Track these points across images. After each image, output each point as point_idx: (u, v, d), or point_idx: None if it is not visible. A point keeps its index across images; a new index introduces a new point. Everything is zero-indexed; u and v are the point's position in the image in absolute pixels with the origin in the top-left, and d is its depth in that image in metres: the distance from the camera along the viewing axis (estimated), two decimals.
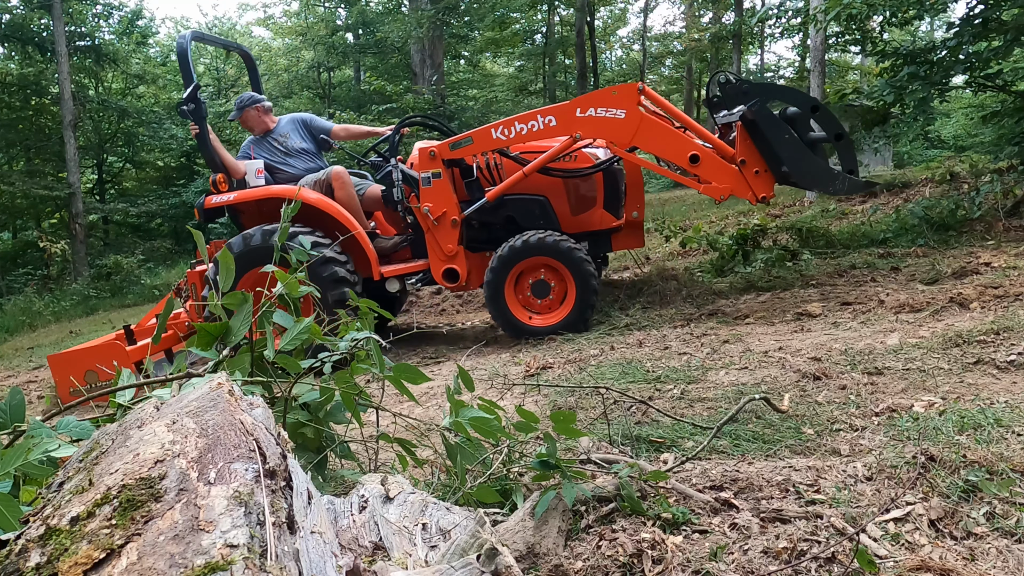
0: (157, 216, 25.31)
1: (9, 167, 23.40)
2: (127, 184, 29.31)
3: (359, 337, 2.30)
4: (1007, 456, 2.30)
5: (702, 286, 6.81)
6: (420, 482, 2.36)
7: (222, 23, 36.90)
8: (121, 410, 1.98)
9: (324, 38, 25.06)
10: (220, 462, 1.11)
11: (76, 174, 20.56)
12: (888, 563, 1.82)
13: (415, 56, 19.74)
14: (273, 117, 6.60)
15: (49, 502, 1.10)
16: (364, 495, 1.77)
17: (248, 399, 1.37)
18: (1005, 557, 1.83)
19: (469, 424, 2.27)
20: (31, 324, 15.34)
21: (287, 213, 2.59)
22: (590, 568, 1.88)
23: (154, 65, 29.18)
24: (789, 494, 2.22)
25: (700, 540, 1.99)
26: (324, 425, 2.37)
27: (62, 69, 20.14)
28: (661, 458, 2.71)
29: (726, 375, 3.98)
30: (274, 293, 2.42)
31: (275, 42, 31.64)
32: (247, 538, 0.97)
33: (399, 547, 1.60)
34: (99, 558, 0.93)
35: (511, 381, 4.40)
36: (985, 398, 3.03)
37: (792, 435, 2.90)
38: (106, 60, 24.28)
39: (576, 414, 3.54)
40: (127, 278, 18.59)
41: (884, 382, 3.46)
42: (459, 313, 8.11)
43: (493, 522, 2.06)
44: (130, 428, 1.23)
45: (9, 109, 22.41)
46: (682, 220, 11.44)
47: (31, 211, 24.05)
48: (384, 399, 2.73)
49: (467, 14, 20.96)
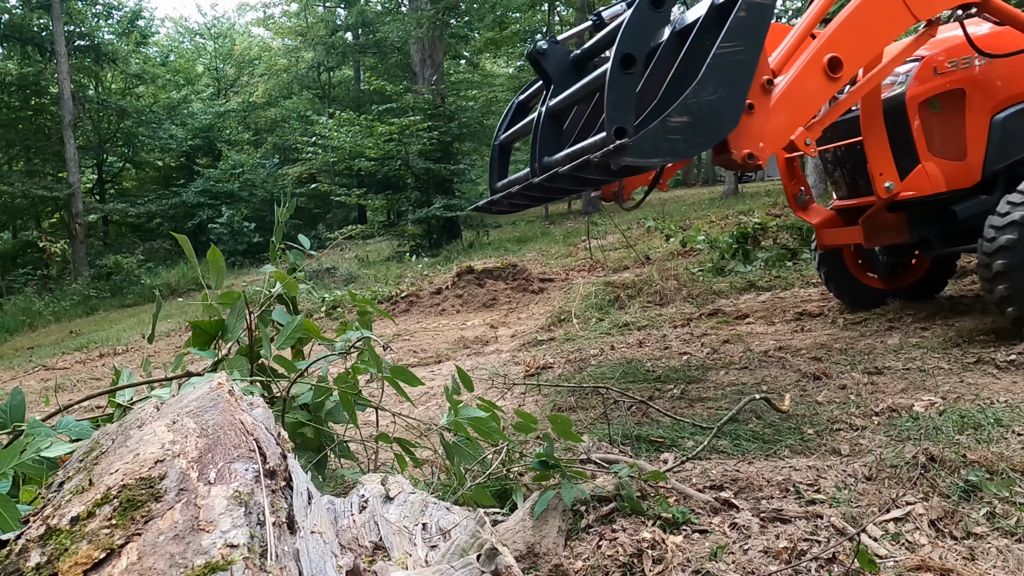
0: (157, 216, 25.32)
1: (9, 167, 23.41)
2: (127, 184, 29.33)
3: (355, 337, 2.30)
4: (1007, 456, 2.30)
5: (702, 286, 6.81)
6: (420, 482, 2.36)
7: (221, 23, 36.88)
8: (121, 410, 1.98)
9: (324, 38, 25.07)
10: (220, 462, 1.11)
11: (76, 174, 20.58)
12: (888, 563, 1.82)
13: (415, 56, 19.74)
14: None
15: (49, 502, 1.10)
16: (364, 495, 1.77)
17: (248, 399, 1.37)
18: (1005, 557, 1.83)
19: (468, 424, 2.27)
20: (31, 324, 15.35)
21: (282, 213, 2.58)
22: (590, 568, 1.88)
23: (154, 65, 29.19)
24: (789, 494, 2.22)
25: (700, 540, 1.99)
26: (324, 425, 2.37)
27: (61, 69, 20.15)
28: (661, 458, 2.71)
29: (726, 375, 3.98)
30: (272, 293, 2.42)
31: (275, 42, 31.62)
32: (247, 538, 0.97)
33: (399, 547, 1.59)
34: (99, 558, 0.93)
35: (511, 381, 4.40)
36: (985, 398, 3.03)
37: (792, 435, 2.90)
38: (106, 60, 24.30)
39: (574, 417, 3.54)
40: (127, 278, 18.61)
41: (884, 382, 3.46)
42: (459, 313, 8.11)
43: (493, 522, 2.06)
44: (130, 428, 1.23)
45: (9, 109, 22.44)
46: (682, 220, 11.45)
47: (31, 211, 24.09)
48: (384, 399, 2.72)
49: (467, 14, 20.97)
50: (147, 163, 28.26)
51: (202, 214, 24.56)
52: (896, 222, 4.34)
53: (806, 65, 3.37)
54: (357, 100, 25.11)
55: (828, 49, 3.38)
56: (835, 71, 3.37)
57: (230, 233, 22.99)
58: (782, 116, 3.31)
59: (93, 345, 9.87)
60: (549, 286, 8.58)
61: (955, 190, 4.09)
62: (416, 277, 10.26)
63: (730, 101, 3.06)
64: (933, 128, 4.09)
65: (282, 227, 2.58)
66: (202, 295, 2.42)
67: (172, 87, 29.88)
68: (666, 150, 3.01)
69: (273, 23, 30.44)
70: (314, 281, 11.62)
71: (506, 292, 8.48)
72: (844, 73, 3.38)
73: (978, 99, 4.02)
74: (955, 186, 4.09)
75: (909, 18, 3.54)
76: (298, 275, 2.55)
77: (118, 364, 2.90)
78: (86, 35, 23.80)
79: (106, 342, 9.94)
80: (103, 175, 27.70)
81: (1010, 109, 3.97)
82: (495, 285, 8.71)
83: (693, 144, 3.05)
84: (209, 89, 32.45)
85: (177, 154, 27.93)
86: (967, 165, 4.03)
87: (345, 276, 12.17)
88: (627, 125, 3.03)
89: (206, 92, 32.09)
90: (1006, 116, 3.97)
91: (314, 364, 2.34)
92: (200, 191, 25.44)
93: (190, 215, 24.71)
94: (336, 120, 17.41)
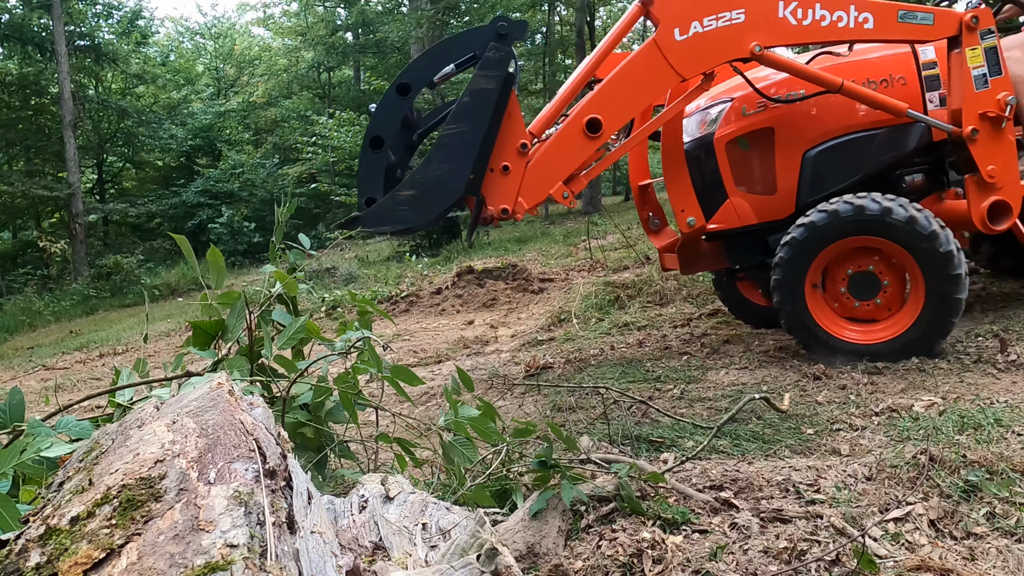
0: (157, 216, 25.32)
1: (9, 167, 23.40)
2: (127, 184, 29.32)
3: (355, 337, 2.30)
4: (1007, 456, 2.30)
5: (702, 286, 6.81)
6: (420, 482, 2.36)
7: (221, 23, 36.87)
8: (121, 410, 1.98)
9: (324, 38, 25.05)
10: (220, 462, 1.11)
11: (76, 174, 20.58)
12: (888, 563, 1.82)
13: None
14: None
15: (49, 502, 1.10)
16: (364, 495, 1.77)
17: (248, 399, 1.37)
18: (1005, 557, 1.83)
19: (468, 424, 2.27)
20: (31, 324, 15.35)
21: (282, 213, 2.58)
22: (590, 568, 1.88)
23: (154, 65, 29.18)
24: (789, 494, 2.22)
25: (700, 540, 1.98)
26: (324, 425, 2.37)
27: (62, 69, 20.15)
28: (661, 458, 2.71)
29: (726, 375, 3.98)
30: (272, 293, 2.42)
31: (275, 42, 31.60)
32: (247, 538, 0.97)
33: (399, 547, 1.59)
34: (99, 558, 0.93)
35: (511, 381, 4.40)
36: (985, 398, 3.03)
37: (792, 435, 2.90)
38: (106, 60, 24.30)
39: (574, 416, 3.54)
40: (127, 278, 18.60)
41: (884, 382, 3.46)
42: (459, 313, 8.11)
43: (493, 522, 2.06)
44: (130, 428, 1.23)
45: (9, 109, 22.43)
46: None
47: (31, 211, 24.07)
48: (384, 399, 2.72)
49: (467, 14, 20.96)
50: (147, 163, 28.25)
51: (202, 214, 24.56)
52: (713, 250, 4.62)
53: (564, 127, 3.73)
54: (357, 100, 25.07)
55: (588, 111, 3.69)
56: (594, 131, 3.68)
57: (230, 233, 22.98)
58: (539, 174, 3.69)
59: (93, 345, 9.87)
60: (549, 286, 8.58)
61: (768, 222, 4.23)
62: (416, 277, 10.26)
63: (454, 174, 3.53)
64: (741, 165, 4.27)
65: (282, 227, 2.58)
66: (202, 295, 2.42)
67: (172, 87, 29.86)
68: (396, 219, 3.49)
69: (273, 23, 30.41)
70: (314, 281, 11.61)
71: (506, 292, 8.48)
72: (604, 132, 3.71)
73: (788, 136, 4.14)
74: (767, 218, 4.25)
75: (674, 77, 3.77)
76: (298, 275, 2.55)
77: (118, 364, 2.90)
78: (86, 35, 23.80)
79: (106, 342, 9.94)
80: (103, 175, 27.69)
81: (821, 145, 4.09)
82: (495, 285, 8.71)
83: (421, 213, 3.49)
84: (209, 89, 32.43)
85: (177, 154, 27.91)
86: (778, 198, 4.18)
87: (345, 276, 12.16)
88: (376, 196, 3.51)
89: (206, 92, 32.08)
90: (818, 152, 4.09)
91: (314, 364, 2.34)
92: (200, 191, 25.43)
93: (190, 215, 24.71)
94: (336, 120, 17.39)
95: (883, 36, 3.88)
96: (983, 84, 3.79)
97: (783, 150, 4.16)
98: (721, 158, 4.27)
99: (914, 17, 3.78)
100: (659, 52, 3.74)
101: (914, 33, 3.84)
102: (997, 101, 3.76)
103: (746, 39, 3.74)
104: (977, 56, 3.79)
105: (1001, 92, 3.77)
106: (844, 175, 4.07)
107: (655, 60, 3.75)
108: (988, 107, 3.76)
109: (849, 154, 4.07)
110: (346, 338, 2.35)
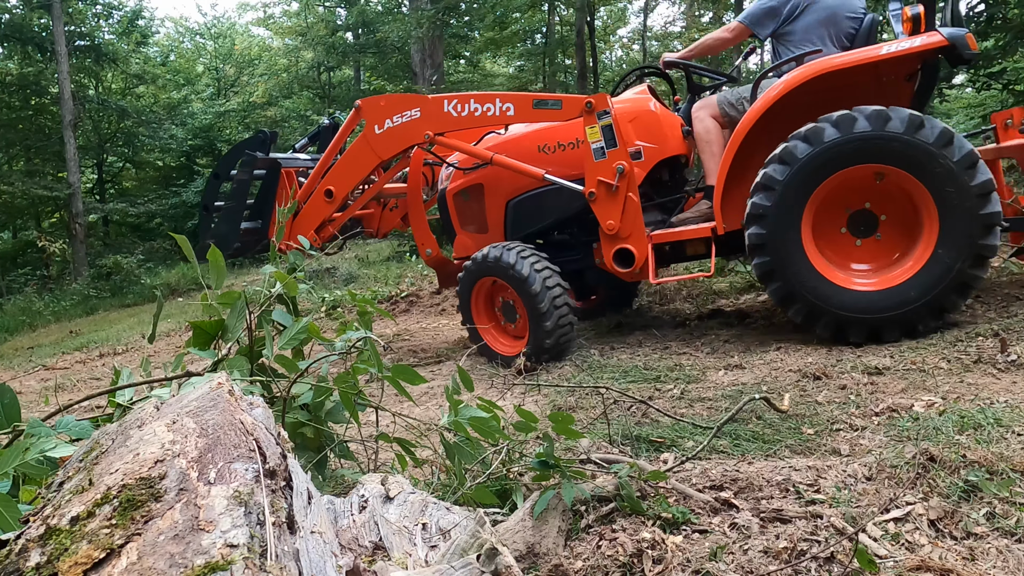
0: (157, 216, 25.31)
1: (9, 167, 23.40)
2: (127, 184, 29.31)
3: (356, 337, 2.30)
4: (1007, 456, 2.30)
5: (702, 286, 6.81)
6: (420, 482, 2.36)
7: (221, 23, 36.86)
8: (121, 410, 1.98)
9: (324, 38, 25.02)
10: (220, 462, 1.11)
11: (76, 174, 20.56)
12: (888, 563, 1.82)
13: (415, 56, 19.74)
14: None
15: (49, 502, 1.10)
16: (364, 495, 1.77)
17: (248, 399, 1.37)
18: (1005, 557, 1.83)
19: (468, 423, 2.27)
20: (31, 324, 15.35)
21: (282, 213, 2.59)
22: (590, 568, 1.88)
23: (154, 65, 29.17)
24: (789, 494, 2.22)
25: (700, 540, 1.98)
26: (324, 425, 2.37)
27: (62, 69, 20.14)
28: (661, 458, 2.71)
29: (726, 375, 3.98)
30: (272, 293, 2.42)
31: (275, 42, 31.60)
32: (247, 538, 0.97)
33: (399, 547, 1.59)
34: (99, 558, 0.93)
35: (511, 381, 4.40)
36: (985, 398, 3.03)
37: (792, 435, 2.90)
38: (106, 60, 24.29)
39: (574, 416, 3.54)
40: (127, 278, 18.60)
41: (884, 382, 3.46)
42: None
43: (493, 522, 2.06)
44: (130, 428, 1.23)
45: (9, 109, 22.42)
46: None
47: (31, 211, 24.06)
48: (384, 399, 2.72)
49: (467, 14, 20.96)
50: (147, 163, 28.23)
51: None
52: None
53: (313, 195, 5.44)
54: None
55: (326, 184, 5.40)
56: (330, 197, 5.39)
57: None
58: (302, 224, 5.37)
59: (93, 345, 9.87)
60: None
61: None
62: (416, 277, 10.26)
63: (229, 232, 5.63)
64: (465, 211, 5.65)
65: (283, 227, 2.58)
66: (202, 295, 2.42)
67: (172, 87, 29.86)
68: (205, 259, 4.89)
69: (273, 23, 30.40)
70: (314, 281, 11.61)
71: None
72: (336, 197, 5.39)
73: (494, 190, 5.40)
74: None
75: (376, 158, 5.31)
76: (298, 275, 2.55)
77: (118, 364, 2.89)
78: (86, 35, 23.78)
79: (106, 342, 9.94)
80: (103, 175, 27.67)
81: (517, 197, 5.32)
82: None
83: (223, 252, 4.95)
84: (209, 89, 32.41)
85: (177, 154, 27.87)
86: (491, 236, 5.47)
87: (345, 276, 12.16)
88: (208, 242, 5.42)
89: (206, 92, 32.05)
90: (516, 202, 5.34)
91: (314, 364, 2.34)
92: (200, 191, 25.40)
93: (190, 215, 24.67)
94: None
95: (525, 120, 5.03)
96: (601, 155, 4.66)
97: (491, 200, 5.43)
98: (451, 205, 5.68)
99: (545, 104, 4.79)
100: (366, 142, 5.30)
101: (548, 116, 4.86)
102: (611, 169, 4.62)
103: (422, 129, 5.10)
104: (595, 133, 4.65)
105: (616, 162, 4.61)
106: (536, 220, 5.31)
107: (364, 147, 5.32)
108: (605, 175, 4.66)
109: (536, 205, 5.25)
110: (346, 338, 2.34)
